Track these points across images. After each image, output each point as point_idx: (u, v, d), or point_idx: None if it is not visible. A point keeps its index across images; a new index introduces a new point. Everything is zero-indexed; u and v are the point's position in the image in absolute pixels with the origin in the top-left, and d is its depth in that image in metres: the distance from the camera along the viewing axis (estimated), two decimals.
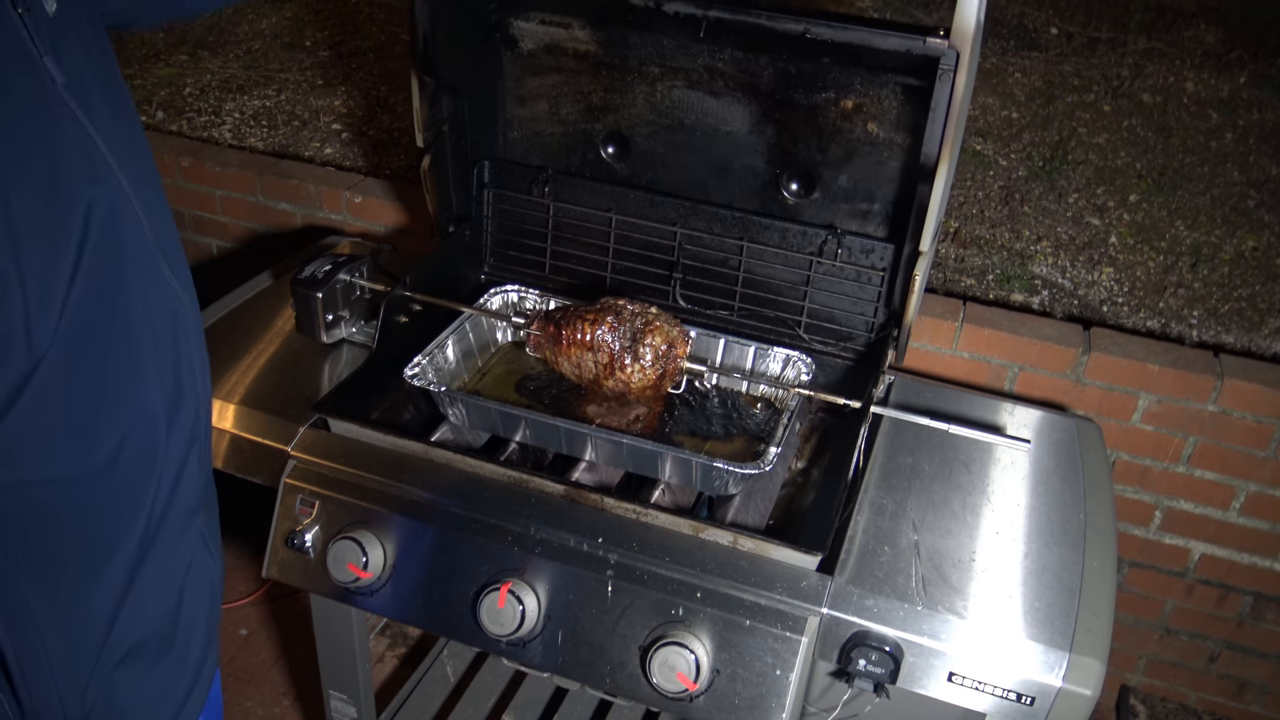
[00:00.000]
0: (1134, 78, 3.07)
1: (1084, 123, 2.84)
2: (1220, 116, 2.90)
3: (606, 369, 1.39)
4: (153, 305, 0.85)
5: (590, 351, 1.39)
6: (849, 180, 1.53)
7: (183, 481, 0.92)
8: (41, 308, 0.72)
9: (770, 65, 1.48)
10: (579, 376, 1.44)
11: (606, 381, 1.40)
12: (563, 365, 1.44)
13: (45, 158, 0.71)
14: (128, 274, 0.81)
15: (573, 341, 1.40)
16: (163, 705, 0.96)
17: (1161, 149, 2.74)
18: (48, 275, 0.72)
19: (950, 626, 1.15)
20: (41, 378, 0.73)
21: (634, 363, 1.38)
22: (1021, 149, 2.71)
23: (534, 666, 1.28)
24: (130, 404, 0.83)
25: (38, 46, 0.71)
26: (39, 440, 0.76)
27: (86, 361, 0.77)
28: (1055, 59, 3.19)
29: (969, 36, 1.16)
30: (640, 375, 1.38)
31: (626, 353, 1.38)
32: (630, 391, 1.41)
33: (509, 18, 1.59)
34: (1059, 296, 2.19)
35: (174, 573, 0.94)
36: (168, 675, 0.95)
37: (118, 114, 0.82)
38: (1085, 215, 2.46)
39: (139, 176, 0.83)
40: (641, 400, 1.44)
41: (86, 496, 0.81)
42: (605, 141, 1.66)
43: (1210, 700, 2.18)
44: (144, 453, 0.85)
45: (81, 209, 0.74)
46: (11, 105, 0.68)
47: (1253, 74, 3.12)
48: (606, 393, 1.43)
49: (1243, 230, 2.43)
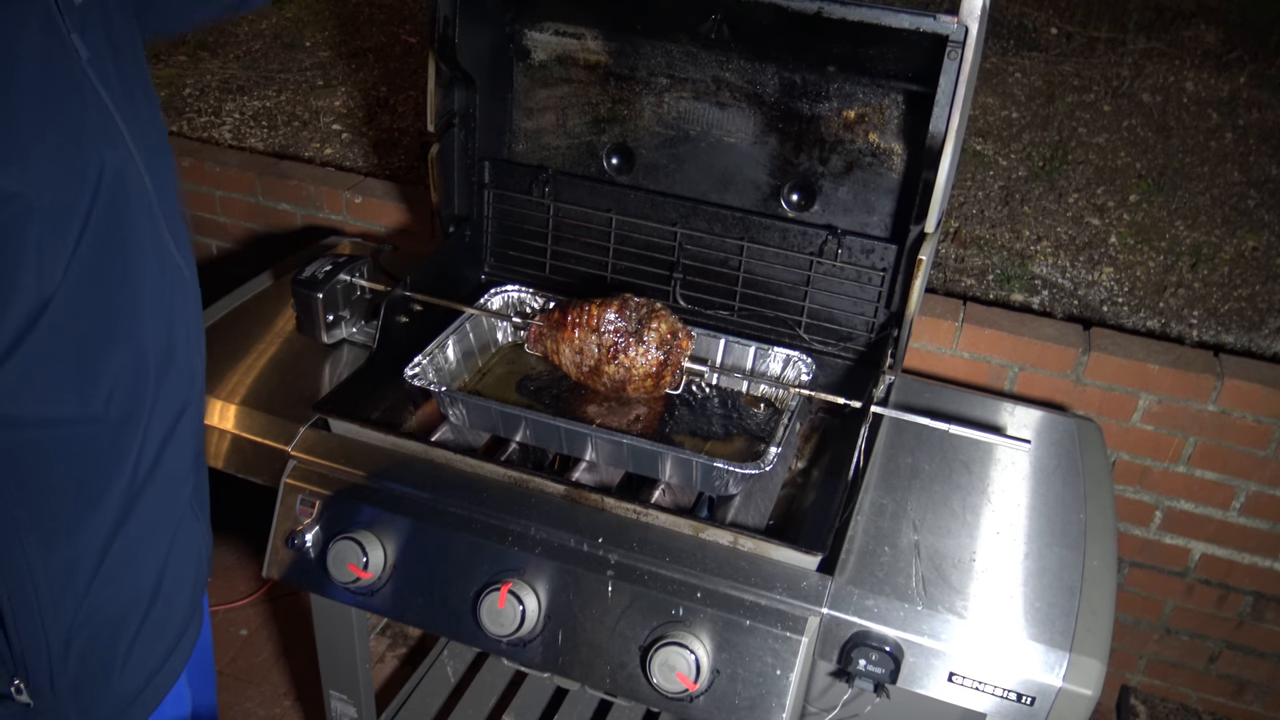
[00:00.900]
0: (1134, 78, 3.07)
1: (1084, 123, 2.84)
2: (1220, 116, 2.90)
3: (610, 353, 1.39)
4: (153, 269, 0.91)
5: (595, 334, 1.40)
6: (849, 192, 1.55)
7: (172, 445, 0.97)
8: (54, 246, 0.79)
9: (776, 75, 1.50)
10: (579, 365, 1.43)
11: (608, 367, 1.40)
12: (563, 353, 1.44)
13: (70, 114, 0.81)
14: (132, 234, 0.87)
15: (578, 324, 1.41)
16: (144, 659, 1.01)
17: (1161, 149, 2.74)
18: (61, 216, 0.79)
19: (950, 626, 1.15)
20: (49, 317, 0.79)
21: (638, 346, 1.38)
22: (1021, 149, 2.71)
23: (534, 666, 1.28)
24: (122, 354, 0.88)
25: (66, 24, 0.80)
26: (40, 380, 0.82)
27: (89, 307, 0.84)
28: (1055, 59, 3.19)
29: (977, 13, 1.21)
30: (644, 360, 1.38)
31: (631, 335, 1.38)
32: (631, 380, 1.40)
33: (523, 28, 1.60)
34: (1059, 296, 2.19)
35: (161, 531, 0.99)
36: (152, 631, 1.00)
37: (132, 93, 0.89)
38: (1085, 215, 2.46)
39: (149, 149, 0.90)
40: (641, 392, 1.44)
41: (77, 440, 0.87)
42: (610, 154, 1.68)
43: (1210, 700, 2.18)
44: (132, 405, 0.91)
45: (96, 163, 0.83)
46: (44, 65, 0.79)
47: (1253, 74, 3.12)
48: (607, 382, 1.43)
49: (1243, 230, 2.43)
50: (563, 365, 1.46)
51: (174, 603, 1.04)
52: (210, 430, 1.43)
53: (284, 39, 3.28)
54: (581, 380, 1.46)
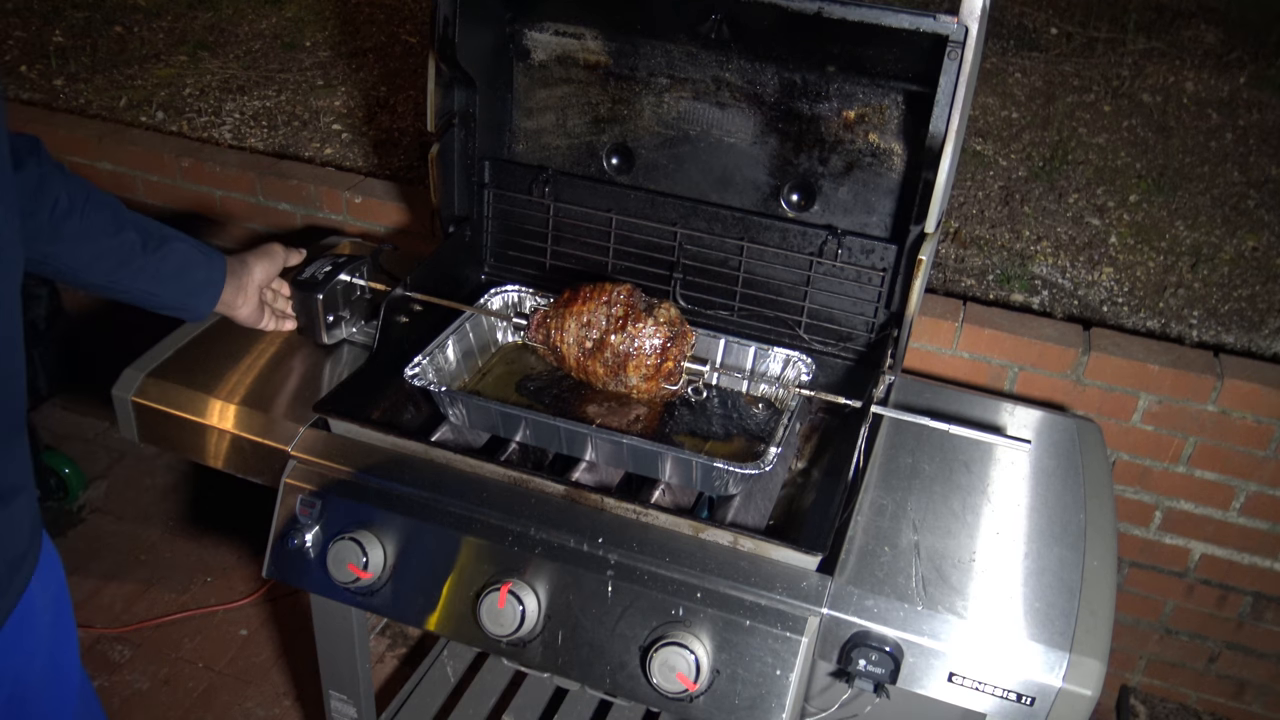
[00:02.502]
0: (1134, 78, 3.08)
1: (1084, 123, 2.85)
2: (1220, 116, 2.90)
3: (619, 322, 1.39)
4: None
5: (605, 305, 1.40)
6: (849, 192, 1.55)
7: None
8: None
9: (776, 75, 1.50)
10: (582, 341, 1.42)
11: (613, 338, 1.39)
12: (568, 330, 1.43)
13: None
14: None
15: (589, 297, 1.41)
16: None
17: (1161, 149, 2.74)
18: None
19: (950, 626, 1.15)
20: None
21: (646, 319, 1.39)
22: (1021, 149, 2.71)
23: (534, 666, 1.28)
24: None
25: None
26: None
27: None
28: (1055, 59, 3.19)
29: (977, 13, 1.21)
30: (651, 331, 1.38)
31: (641, 310, 1.40)
32: (636, 355, 1.39)
33: (523, 28, 1.60)
34: (1059, 296, 2.19)
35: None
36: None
37: None
38: (1085, 215, 2.46)
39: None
40: (642, 376, 1.42)
41: None
42: (610, 154, 1.68)
43: (1210, 700, 2.18)
44: None
45: None
46: None
47: (1253, 74, 3.12)
48: (610, 358, 1.41)
49: (1243, 230, 2.43)
50: (564, 348, 1.44)
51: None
52: (210, 430, 1.43)
53: (284, 39, 3.28)
54: (581, 365, 1.44)
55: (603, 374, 1.44)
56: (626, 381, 1.43)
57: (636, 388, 1.44)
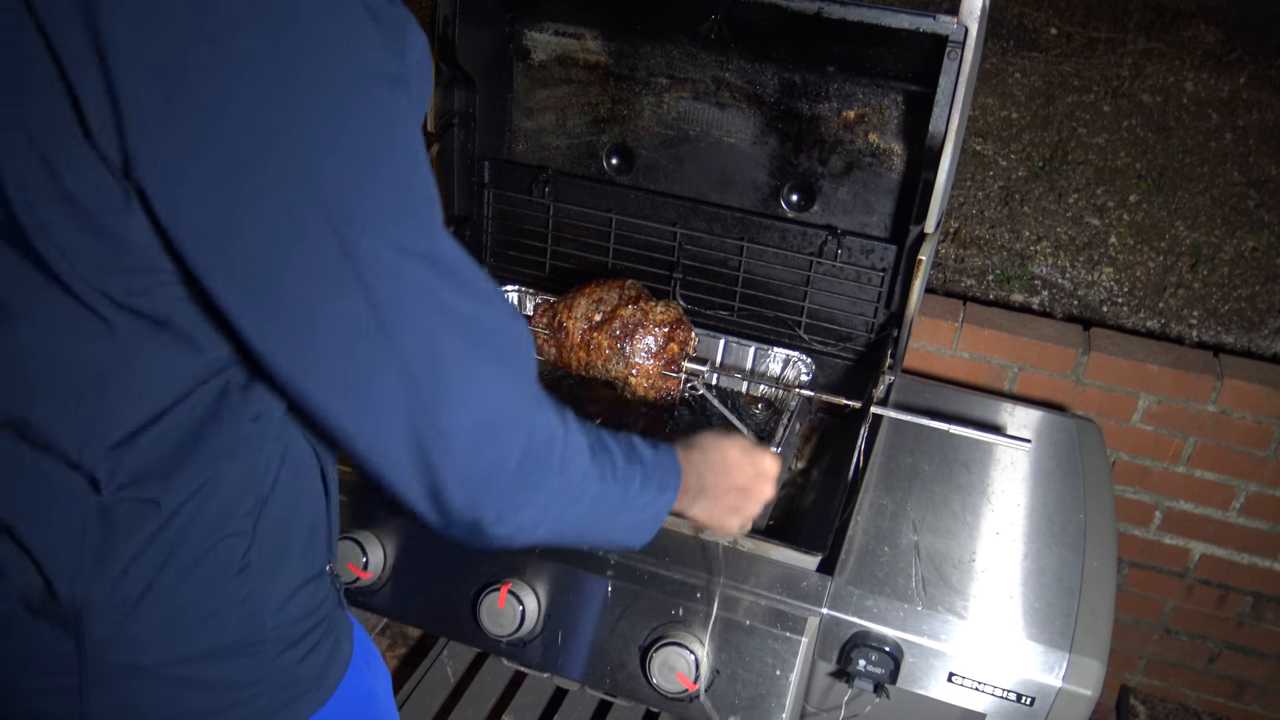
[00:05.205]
0: (1134, 78, 3.08)
1: (1084, 123, 2.85)
2: (1220, 116, 2.90)
3: (632, 297, 1.42)
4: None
5: (618, 289, 1.43)
6: (849, 193, 1.55)
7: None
8: None
9: (776, 75, 1.50)
10: (590, 315, 1.42)
11: (624, 310, 1.40)
12: (577, 307, 1.43)
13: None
14: None
15: (602, 284, 1.44)
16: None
17: (1161, 149, 2.74)
18: None
19: (950, 627, 1.15)
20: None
21: (657, 302, 1.42)
22: (1021, 149, 2.71)
23: (534, 666, 1.28)
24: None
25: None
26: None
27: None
28: (1055, 59, 3.19)
29: (977, 13, 1.21)
30: (663, 310, 1.41)
31: (651, 297, 1.43)
32: (646, 324, 1.40)
33: (523, 28, 1.60)
34: (1059, 296, 2.19)
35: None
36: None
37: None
38: (1085, 215, 2.46)
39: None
40: (647, 350, 1.40)
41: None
42: (610, 154, 1.68)
43: (1210, 700, 2.18)
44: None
45: None
46: None
47: (1253, 74, 3.12)
48: (618, 328, 1.41)
49: (1243, 230, 2.43)
50: (570, 323, 1.44)
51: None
52: None
53: None
54: (585, 340, 1.41)
55: (606, 347, 1.42)
56: (630, 358, 1.41)
57: (639, 366, 1.42)
